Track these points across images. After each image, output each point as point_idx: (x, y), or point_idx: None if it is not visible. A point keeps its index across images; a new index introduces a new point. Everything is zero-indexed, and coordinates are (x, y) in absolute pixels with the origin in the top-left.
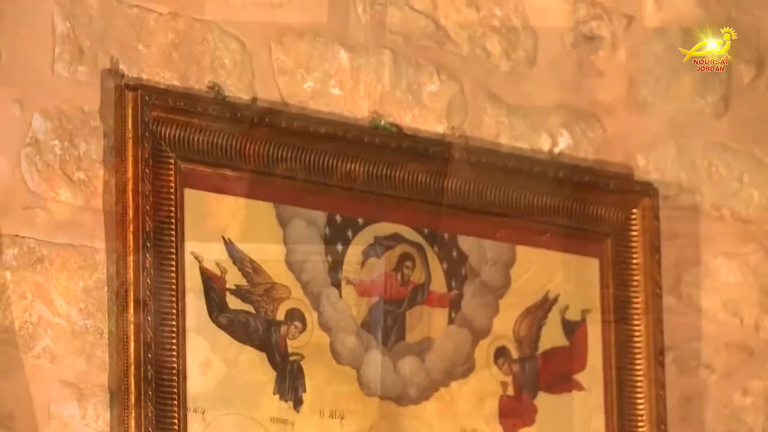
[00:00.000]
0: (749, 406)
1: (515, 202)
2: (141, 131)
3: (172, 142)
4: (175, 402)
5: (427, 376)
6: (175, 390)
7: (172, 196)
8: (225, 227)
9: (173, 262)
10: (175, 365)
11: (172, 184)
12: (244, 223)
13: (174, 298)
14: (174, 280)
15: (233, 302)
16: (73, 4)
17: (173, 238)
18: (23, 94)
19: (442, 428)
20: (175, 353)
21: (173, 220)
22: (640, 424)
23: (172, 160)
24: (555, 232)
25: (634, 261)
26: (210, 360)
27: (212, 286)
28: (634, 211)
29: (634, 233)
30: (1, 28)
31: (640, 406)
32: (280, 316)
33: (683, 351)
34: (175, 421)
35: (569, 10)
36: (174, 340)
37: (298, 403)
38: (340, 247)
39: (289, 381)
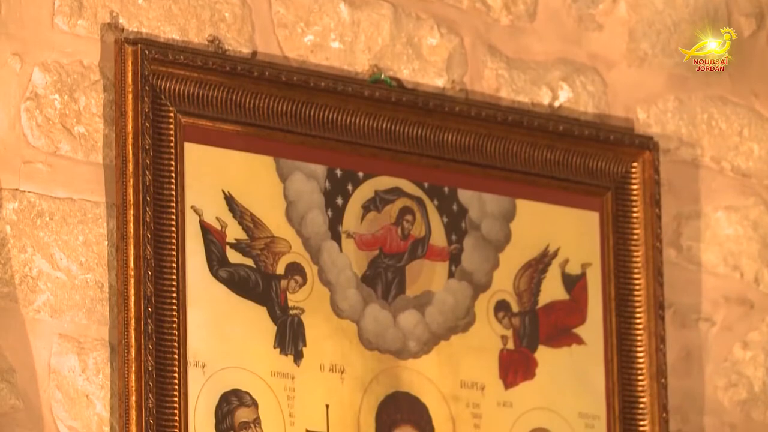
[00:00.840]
0: (749, 359)
1: (515, 155)
2: (141, 85)
3: (172, 96)
4: (176, 356)
5: (427, 329)
6: (176, 344)
7: (172, 150)
8: (225, 181)
9: (173, 216)
10: (175, 319)
11: (172, 138)
12: (244, 177)
13: (174, 253)
14: (174, 234)
15: (233, 256)
16: None
17: (173, 192)
18: (23, 48)
19: (442, 382)
20: (175, 307)
21: (173, 174)
22: (640, 377)
23: (172, 115)
24: (555, 185)
25: (634, 215)
26: (210, 314)
27: (212, 240)
28: (634, 164)
29: (634, 187)
30: None
31: (640, 360)
32: (280, 270)
33: (683, 304)
34: (176, 375)
35: None
36: (174, 295)
37: (298, 357)
38: (340, 201)
39: (290, 335)
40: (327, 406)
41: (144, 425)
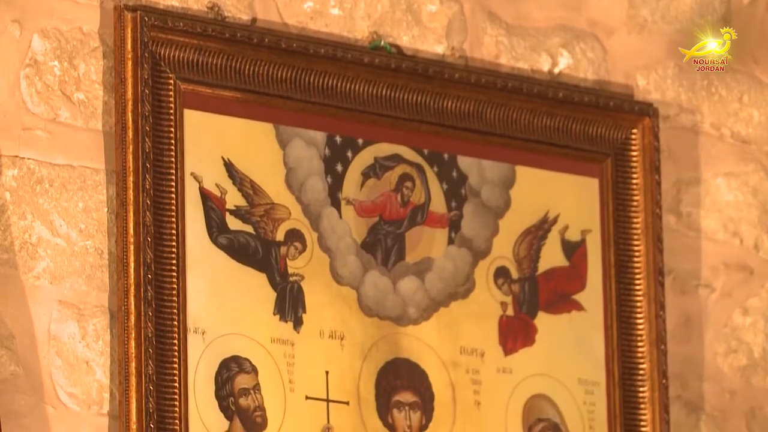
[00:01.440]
0: (749, 325)
1: (515, 122)
2: (140, 52)
3: (172, 62)
4: (175, 323)
5: (427, 296)
6: (175, 311)
7: (172, 117)
8: (225, 148)
9: (173, 183)
10: (175, 286)
11: (172, 105)
12: (244, 144)
13: (174, 219)
14: (174, 201)
15: (233, 223)
16: None
17: (173, 159)
18: (22, 14)
19: (441, 348)
20: (174, 274)
21: (173, 141)
22: (640, 343)
23: (171, 81)
24: (555, 152)
25: (634, 181)
26: (210, 281)
27: (212, 206)
28: (634, 131)
29: (634, 153)
30: None
31: (640, 326)
32: (280, 236)
33: (683, 271)
34: (175, 341)
35: None
36: (174, 261)
37: (298, 324)
38: (339, 168)
39: (289, 301)
40: (327, 372)
41: (144, 391)
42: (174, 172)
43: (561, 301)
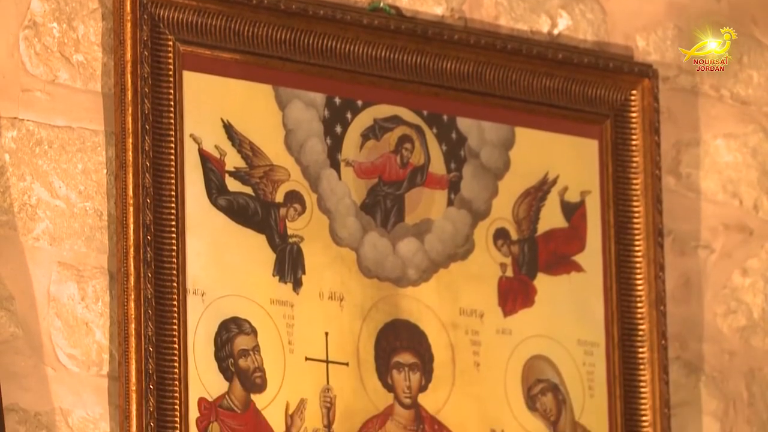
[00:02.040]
0: (748, 286)
1: (514, 83)
2: (139, 14)
3: (171, 24)
4: (175, 284)
5: (426, 257)
6: (175, 272)
7: (171, 79)
8: (224, 109)
9: (172, 145)
10: (174, 247)
11: (171, 67)
12: (243, 106)
13: (173, 181)
14: (173, 163)
15: (232, 184)
16: None
17: (172, 121)
18: None
19: (441, 309)
20: (174, 235)
21: (172, 103)
22: (639, 304)
23: (170, 43)
24: (554, 113)
25: (634, 142)
26: (209, 242)
27: (211, 168)
28: (634, 92)
29: (634, 114)
30: None
31: (639, 287)
32: (280, 198)
33: (682, 232)
34: (175, 303)
35: None
36: (173, 223)
37: (297, 285)
38: (339, 129)
39: (289, 263)
40: (326, 333)
41: (143, 353)
42: (173, 133)
43: (560, 263)
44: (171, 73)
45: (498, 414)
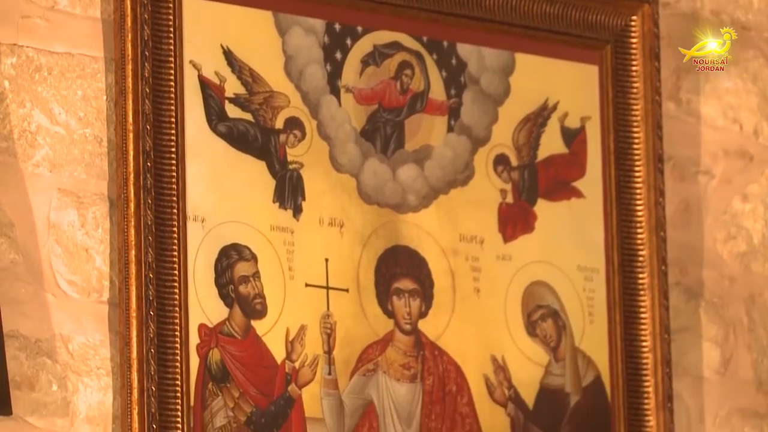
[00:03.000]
0: (748, 211)
1: (515, 9)
2: None
3: None
4: (175, 210)
5: (426, 183)
6: (175, 198)
7: (171, 4)
8: (223, 36)
9: (172, 71)
10: (174, 174)
11: None
12: (243, 32)
13: (173, 107)
14: (173, 89)
15: (232, 111)
16: None
17: (172, 47)
18: None
19: (441, 236)
20: (174, 162)
21: (172, 29)
22: (639, 230)
23: None
24: (554, 39)
25: (634, 68)
26: (209, 168)
27: (211, 94)
28: (634, 17)
29: (634, 40)
30: None
31: (639, 213)
32: (279, 124)
33: (682, 157)
34: (175, 229)
35: None
36: (173, 149)
37: (297, 211)
38: (339, 56)
39: (289, 189)
40: (326, 259)
41: (144, 279)
42: (173, 60)
43: (560, 188)
44: None
45: (498, 340)
